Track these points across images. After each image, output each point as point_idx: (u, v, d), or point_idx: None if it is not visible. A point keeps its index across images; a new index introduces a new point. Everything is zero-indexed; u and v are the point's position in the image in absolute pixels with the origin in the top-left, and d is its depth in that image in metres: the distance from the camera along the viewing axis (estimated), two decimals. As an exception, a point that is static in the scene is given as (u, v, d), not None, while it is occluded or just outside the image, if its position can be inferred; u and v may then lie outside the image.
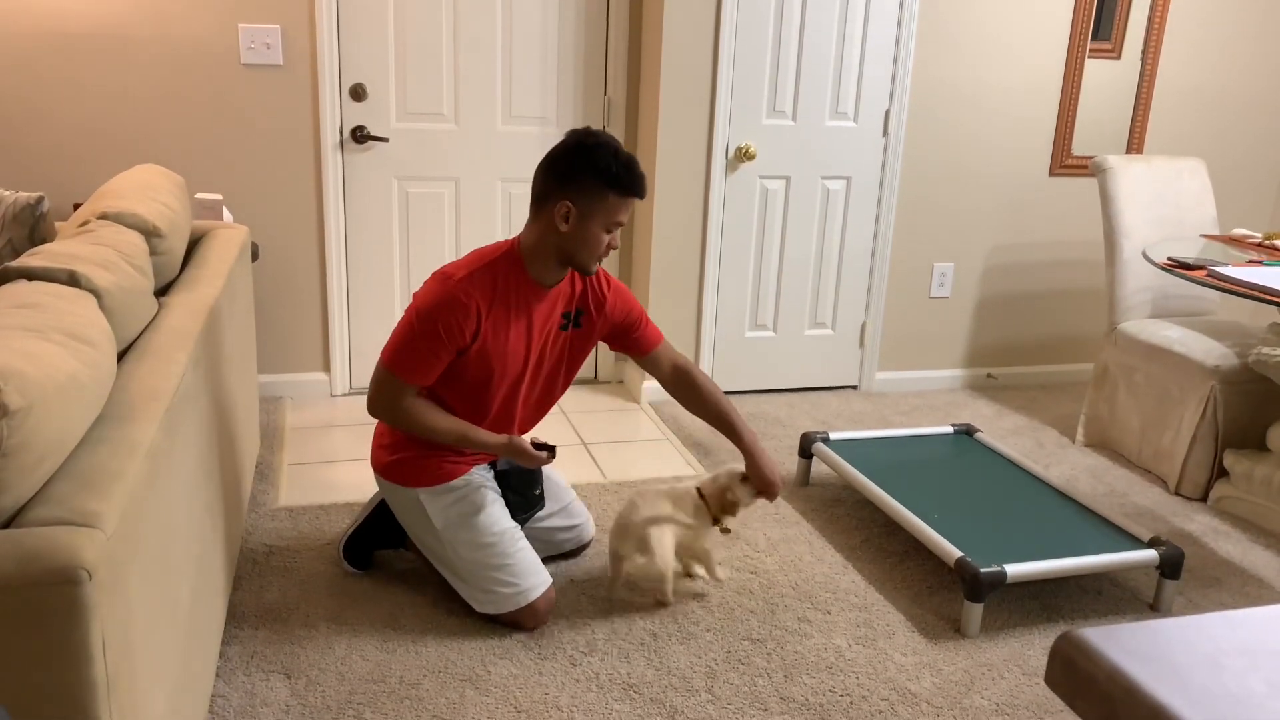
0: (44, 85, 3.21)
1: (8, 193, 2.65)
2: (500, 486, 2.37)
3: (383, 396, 2.20)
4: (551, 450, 2.26)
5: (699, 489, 2.43)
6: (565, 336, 2.35)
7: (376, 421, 2.38)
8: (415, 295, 2.19)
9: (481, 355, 2.19)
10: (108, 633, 1.20)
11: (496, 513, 2.30)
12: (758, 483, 2.38)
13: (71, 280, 1.68)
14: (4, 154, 3.24)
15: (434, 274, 2.20)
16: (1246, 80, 4.17)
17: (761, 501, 2.99)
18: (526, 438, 2.26)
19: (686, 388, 2.46)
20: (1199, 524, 3.03)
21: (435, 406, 2.23)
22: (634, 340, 2.44)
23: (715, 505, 2.41)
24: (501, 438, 2.23)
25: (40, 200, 2.64)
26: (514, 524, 2.32)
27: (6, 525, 1.21)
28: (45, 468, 1.26)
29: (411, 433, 2.24)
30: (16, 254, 2.58)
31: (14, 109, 3.21)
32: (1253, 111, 4.23)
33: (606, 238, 2.18)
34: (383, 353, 2.19)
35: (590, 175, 2.12)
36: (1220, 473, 3.18)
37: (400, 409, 2.19)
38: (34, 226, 2.62)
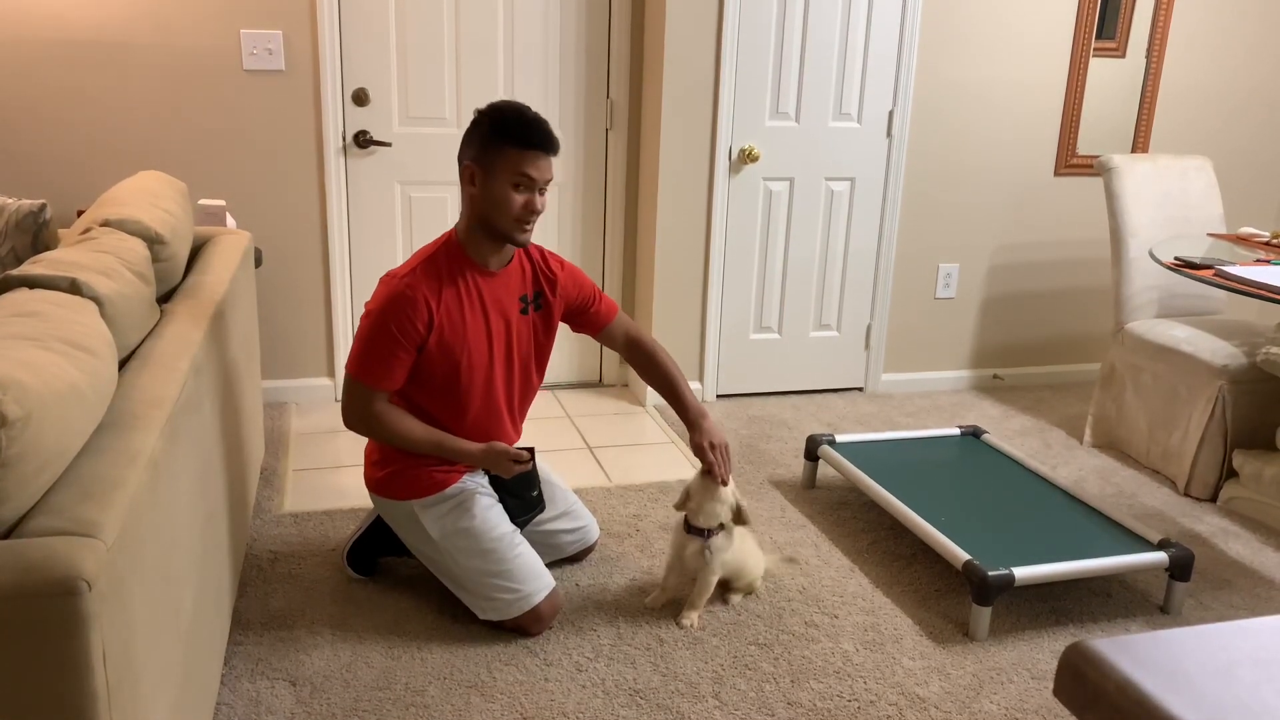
0: (47, 92, 3.21)
1: (10, 200, 2.65)
2: (496, 490, 2.36)
3: (353, 406, 2.20)
4: (530, 452, 2.26)
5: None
6: (528, 321, 2.35)
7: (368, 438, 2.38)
8: (366, 303, 2.21)
9: (442, 347, 2.19)
10: (108, 643, 1.19)
11: (493, 518, 2.28)
12: (697, 454, 2.31)
13: (73, 288, 1.67)
14: (7, 161, 3.24)
15: (381, 279, 2.22)
16: (1252, 78, 4.15)
17: (767, 503, 2.97)
18: (508, 445, 2.27)
19: (642, 355, 2.48)
20: (1209, 525, 3.00)
21: (410, 415, 2.23)
22: (590, 317, 2.46)
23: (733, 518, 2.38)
24: (479, 446, 2.23)
25: (43, 208, 2.64)
26: (512, 528, 2.31)
27: (6, 536, 1.20)
28: (45, 478, 1.25)
29: (390, 443, 2.23)
30: (19, 261, 2.58)
31: (17, 115, 3.21)
32: (1259, 109, 4.21)
33: (518, 197, 2.15)
34: (347, 363, 2.21)
35: (486, 132, 2.15)
36: (1229, 473, 3.16)
37: (372, 416, 2.19)
38: (36, 234, 2.62)
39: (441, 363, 2.20)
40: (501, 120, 2.14)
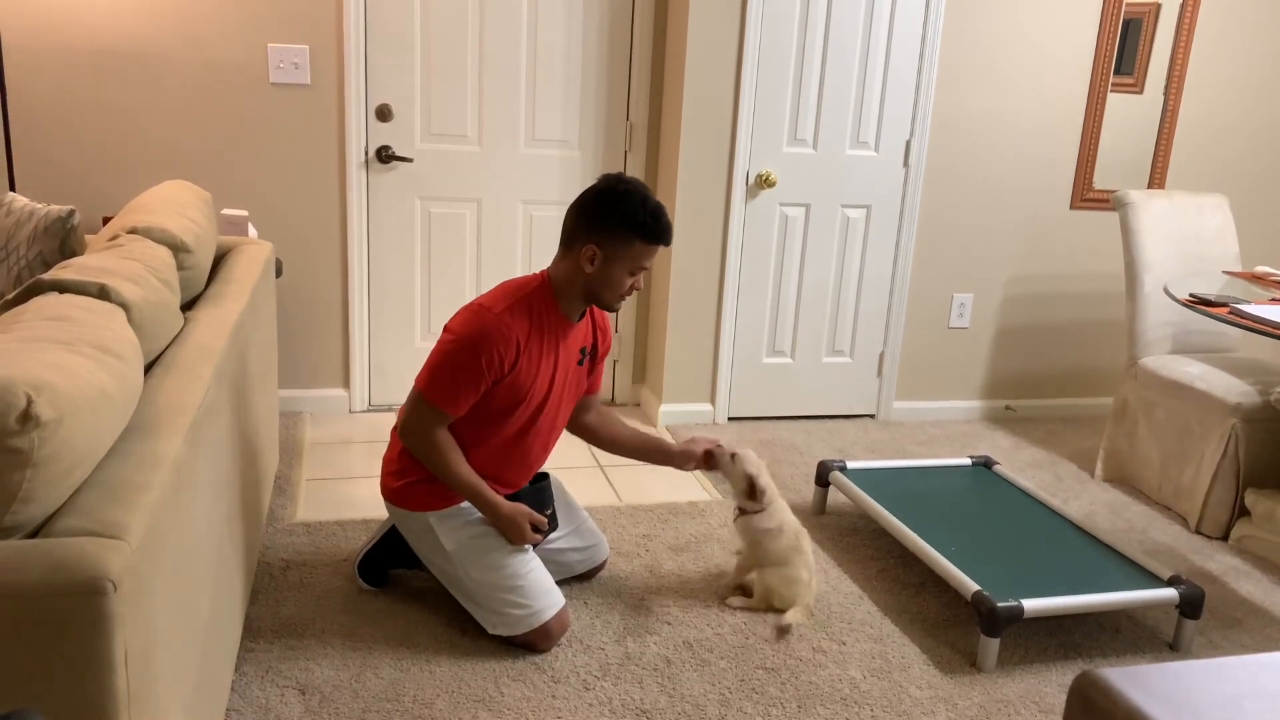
0: (78, 101, 3.26)
1: (40, 205, 2.69)
2: None
3: (416, 421, 2.22)
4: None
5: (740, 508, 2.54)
6: (580, 371, 2.41)
7: (387, 447, 2.41)
8: (450, 327, 2.21)
9: (513, 386, 2.22)
10: (130, 643, 1.21)
11: None
12: (692, 456, 2.51)
13: (102, 294, 1.70)
14: (37, 166, 3.29)
15: (468, 307, 2.23)
16: (1270, 115, 4.17)
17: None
18: (534, 512, 2.33)
19: (610, 419, 2.58)
20: (1219, 563, 2.99)
21: (461, 454, 2.25)
22: (592, 378, 2.52)
23: (745, 496, 2.50)
24: (509, 506, 2.26)
25: (71, 213, 2.67)
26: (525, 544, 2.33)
27: (34, 535, 1.22)
28: (73, 479, 1.27)
29: (430, 468, 2.25)
30: (47, 266, 2.62)
31: (48, 123, 3.26)
32: (1276, 147, 4.22)
33: (630, 280, 2.25)
34: (418, 380, 2.22)
35: (617, 221, 2.18)
36: (1241, 511, 3.15)
37: (431, 439, 2.21)
38: (64, 239, 2.65)
39: (504, 399, 2.23)
40: (636, 216, 2.18)
